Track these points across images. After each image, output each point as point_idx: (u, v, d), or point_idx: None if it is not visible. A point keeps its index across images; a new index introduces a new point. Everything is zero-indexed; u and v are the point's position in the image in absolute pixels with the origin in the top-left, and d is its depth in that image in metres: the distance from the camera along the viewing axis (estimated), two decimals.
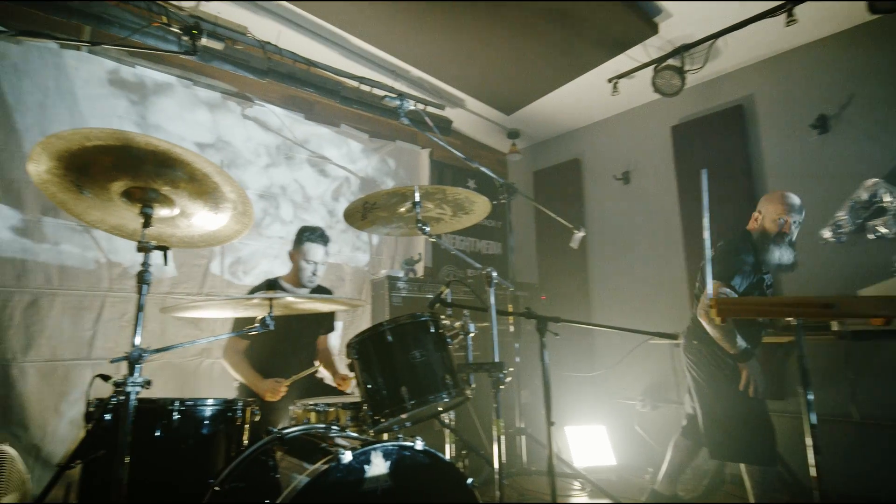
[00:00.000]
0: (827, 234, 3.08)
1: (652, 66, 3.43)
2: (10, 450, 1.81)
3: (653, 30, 3.18)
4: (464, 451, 2.28)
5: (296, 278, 2.66)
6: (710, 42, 3.23)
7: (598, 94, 3.89)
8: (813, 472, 1.44)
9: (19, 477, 1.83)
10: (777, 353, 3.02)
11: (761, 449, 2.19)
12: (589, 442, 3.66)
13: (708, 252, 1.39)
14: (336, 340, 3.54)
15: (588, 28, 3.16)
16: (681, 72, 3.33)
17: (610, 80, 3.69)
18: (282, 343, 2.42)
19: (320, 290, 2.76)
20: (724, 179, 3.52)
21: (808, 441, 1.44)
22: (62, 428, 2.62)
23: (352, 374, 1.69)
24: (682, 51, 3.32)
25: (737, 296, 2.16)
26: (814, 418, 1.45)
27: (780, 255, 2.27)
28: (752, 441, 2.20)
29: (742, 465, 2.29)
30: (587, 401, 3.96)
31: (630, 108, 4.24)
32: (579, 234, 3.14)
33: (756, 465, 2.22)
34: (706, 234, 1.36)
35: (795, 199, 2.33)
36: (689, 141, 3.83)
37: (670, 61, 3.37)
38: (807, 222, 3.23)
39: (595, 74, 3.66)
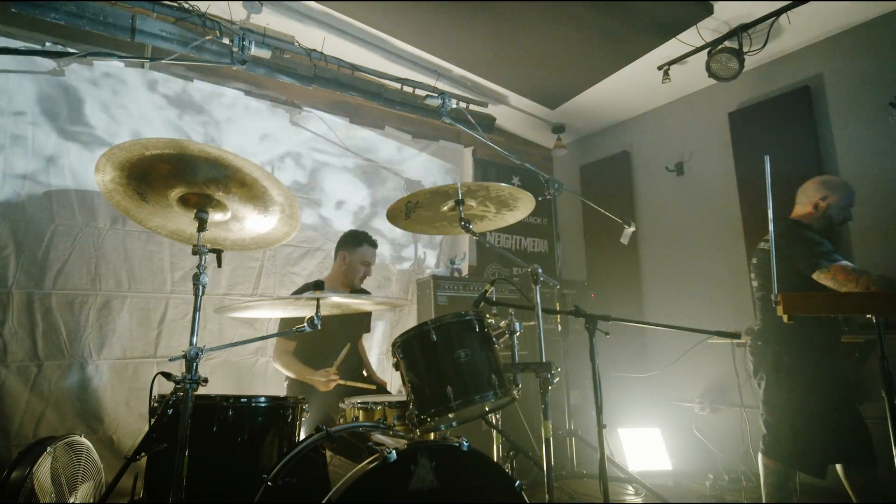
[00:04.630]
0: None
1: (706, 50, 3.24)
2: (85, 441, 1.96)
3: (706, 11, 3.00)
4: (511, 453, 2.24)
5: (345, 279, 2.71)
6: (772, 20, 3.02)
7: (647, 83, 3.73)
8: None
9: (95, 466, 1.97)
10: (853, 354, 2.78)
11: (806, 457, 2.07)
12: (643, 445, 3.52)
13: (773, 244, 1.29)
14: (380, 340, 3.60)
15: (635, 13, 3.03)
16: (739, 54, 3.12)
17: (660, 68, 3.52)
18: (326, 343, 2.48)
19: (360, 291, 2.81)
20: (789, 167, 3.27)
21: (895, 451, 1.31)
22: (132, 421, 2.81)
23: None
24: (739, 31, 3.12)
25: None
26: None
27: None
28: (799, 447, 2.09)
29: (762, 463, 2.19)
30: (640, 403, 3.80)
31: (683, 96, 4.03)
32: (629, 230, 3.02)
33: (803, 473, 2.13)
34: (771, 226, 1.26)
35: None
36: (748, 127, 3.59)
37: (726, 43, 3.17)
38: (887, 210, 2.97)
39: (644, 62, 3.50)
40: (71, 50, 2.71)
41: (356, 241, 2.73)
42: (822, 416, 2.08)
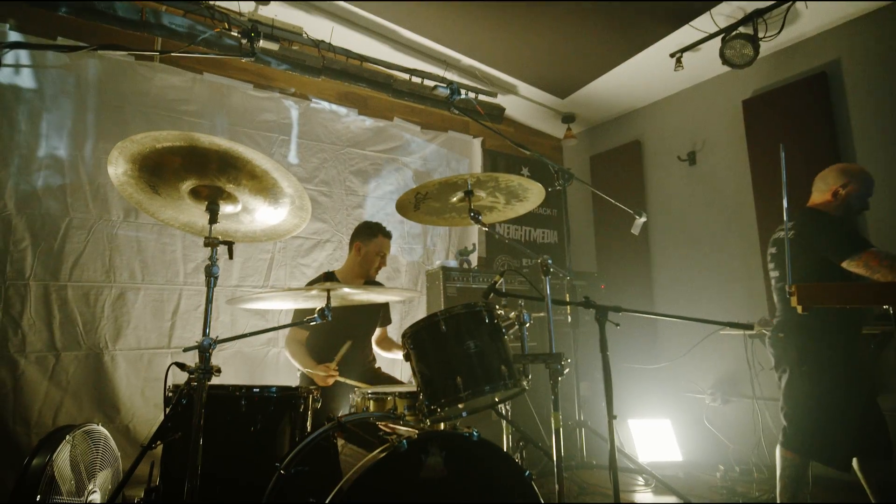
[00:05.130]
0: None
1: (720, 37, 3.18)
2: (103, 429, 1.99)
3: None
4: (521, 443, 2.25)
5: (360, 270, 2.71)
6: (788, 4, 2.95)
7: (659, 71, 3.67)
8: None
9: (112, 454, 2.01)
10: (869, 345, 2.74)
11: (831, 450, 2.04)
12: (653, 436, 3.51)
13: (787, 233, 1.27)
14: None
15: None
16: (753, 40, 3.06)
17: (672, 55, 3.47)
18: (338, 335, 2.49)
19: (374, 284, 2.80)
20: (805, 156, 3.21)
21: None
22: (148, 410, 2.86)
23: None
24: (754, 16, 3.05)
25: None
26: None
27: None
28: (823, 440, 2.05)
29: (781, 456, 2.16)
30: (651, 394, 3.79)
31: (695, 84, 3.97)
32: (640, 220, 2.98)
33: (827, 467, 2.09)
34: (786, 216, 1.24)
35: None
36: (763, 115, 3.53)
37: (741, 29, 3.11)
38: None
39: (656, 49, 3.45)
40: (81, 44, 2.73)
41: (371, 232, 2.73)
42: (846, 408, 2.04)
